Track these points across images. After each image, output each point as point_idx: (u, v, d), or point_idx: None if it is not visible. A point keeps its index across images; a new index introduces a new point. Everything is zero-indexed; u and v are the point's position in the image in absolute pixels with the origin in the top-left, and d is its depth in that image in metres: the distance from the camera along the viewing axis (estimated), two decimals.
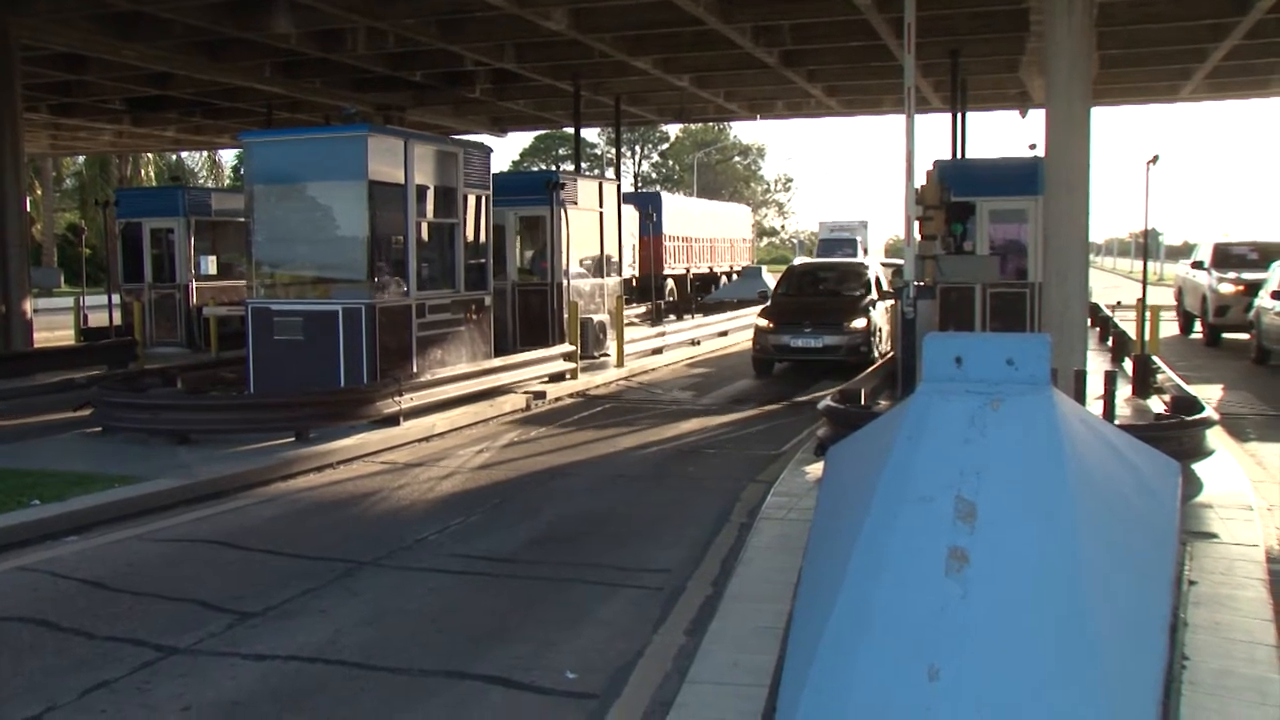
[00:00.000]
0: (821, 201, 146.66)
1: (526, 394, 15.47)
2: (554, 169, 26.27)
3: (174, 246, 22.62)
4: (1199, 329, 23.57)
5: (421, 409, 13.22)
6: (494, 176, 16.44)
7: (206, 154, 56.13)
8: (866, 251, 50.62)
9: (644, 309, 28.17)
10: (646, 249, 30.05)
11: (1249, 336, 19.58)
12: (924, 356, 4.78)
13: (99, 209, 26.10)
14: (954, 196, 15.01)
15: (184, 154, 53.98)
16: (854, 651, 4.08)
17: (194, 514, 9.31)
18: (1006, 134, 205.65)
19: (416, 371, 13.84)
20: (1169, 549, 4.91)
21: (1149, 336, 16.01)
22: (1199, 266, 23.22)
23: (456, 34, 18.92)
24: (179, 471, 10.36)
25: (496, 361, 15.60)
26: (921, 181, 13.35)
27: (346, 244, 13.79)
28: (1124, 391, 13.54)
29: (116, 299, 22.41)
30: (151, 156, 52.57)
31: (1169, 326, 22.51)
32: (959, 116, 21.15)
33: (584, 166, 28.33)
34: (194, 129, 31.60)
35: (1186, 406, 9.98)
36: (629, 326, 21.63)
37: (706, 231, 38.10)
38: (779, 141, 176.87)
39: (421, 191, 14.55)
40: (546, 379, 16.56)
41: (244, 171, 15.29)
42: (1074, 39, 11.38)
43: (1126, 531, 4.68)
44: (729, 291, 34.23)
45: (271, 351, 13.38)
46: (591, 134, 68.67)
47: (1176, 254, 70.03)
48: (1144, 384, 13.46)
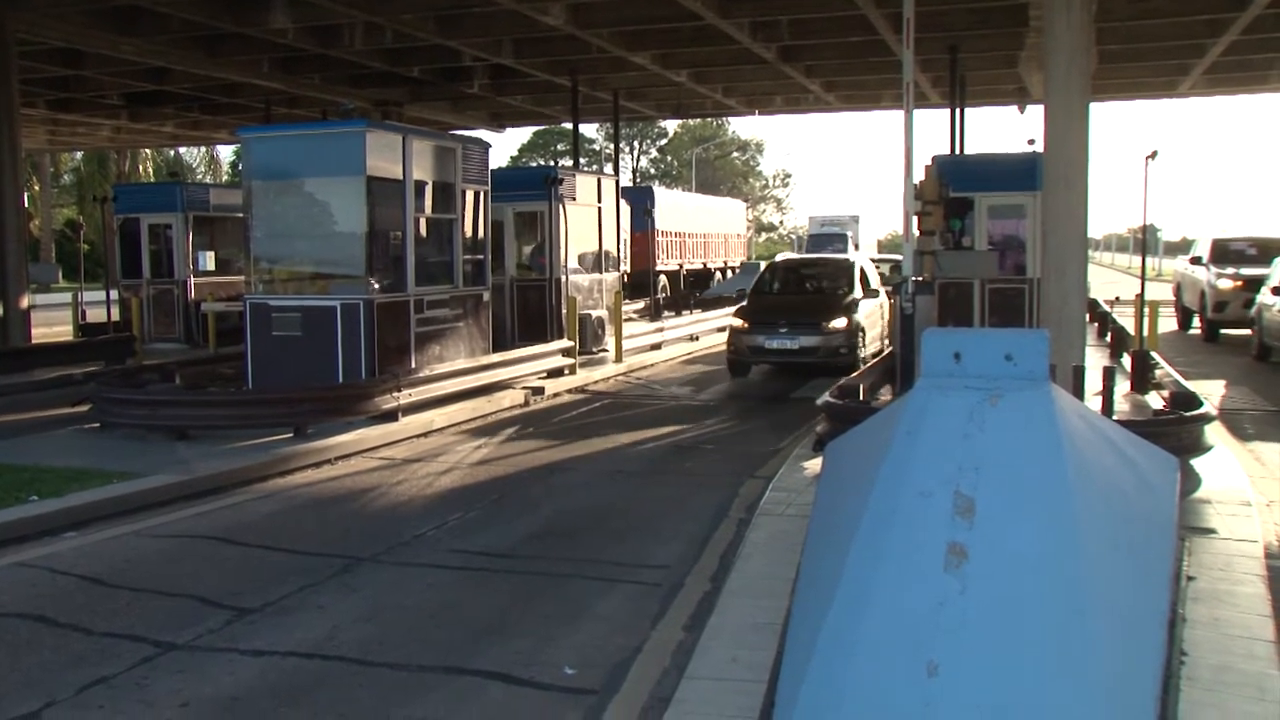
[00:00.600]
0: (820, 197, 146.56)
1: (525, 390, 15.47)
2: (552, 165, 26.18)
3: (172, 242, 22.60)
4: (1197, 325, 23.51)
5: (420, 405, 13.22)
6: (492, 172, 16.42)
7: (205, 149, 56.06)
8: (858, 247, 50.32)
9: (642, 304, 28.16)
10: (639, 244, 30.01)
11: (1250, 332, 19.50)
12: (923, 352, 4.77)
13: (97, 205, 26.11)
14: (952, 192, 15.02)
15: (182, 149, 53.91)
16: (852, 647, 4.07)
17: (192, 510, 9.31)
18: (1005, 129, 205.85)
19: (415, 367, 13.82)
20: (1167, 545, 4.90)
21: (1148, 332, 16.01)
22: (1197, 262, 23.11)
23: (454, 29, 18.91)
24: (177, 467, 10.35)
25: (495, 357, 15.59)
26: (920, 177, 13.34)
27: (345, 240, 13.78)
28: (1123, 387, 13.53)
29: (115, 295, 22.40)
30: (150, 152, 52.54)
31: (1167, 322, 22.48)
32: (957, 112, 21.15)
33: (582, 162, 28.31)
34: (192, 124, 31.58)
35: (1185, 402, 9.98)
36: (627, 322, 21.61)
37: (700, 227, 38.00)
38: (777, 137, 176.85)
39: (420, 187, 14.54)
40: (545, 375, 16.55)
41: (242, 167, 15.28)
42: (1073, 34, 11.37)
43: (1125, 527, 4.68)
44: (727, 287, 34.20)
45: (270, 347, 13.37)
46: (590, 129, 68.64)
47: (1175, 249, 70.05)
48: (1142, 379, 13.46)
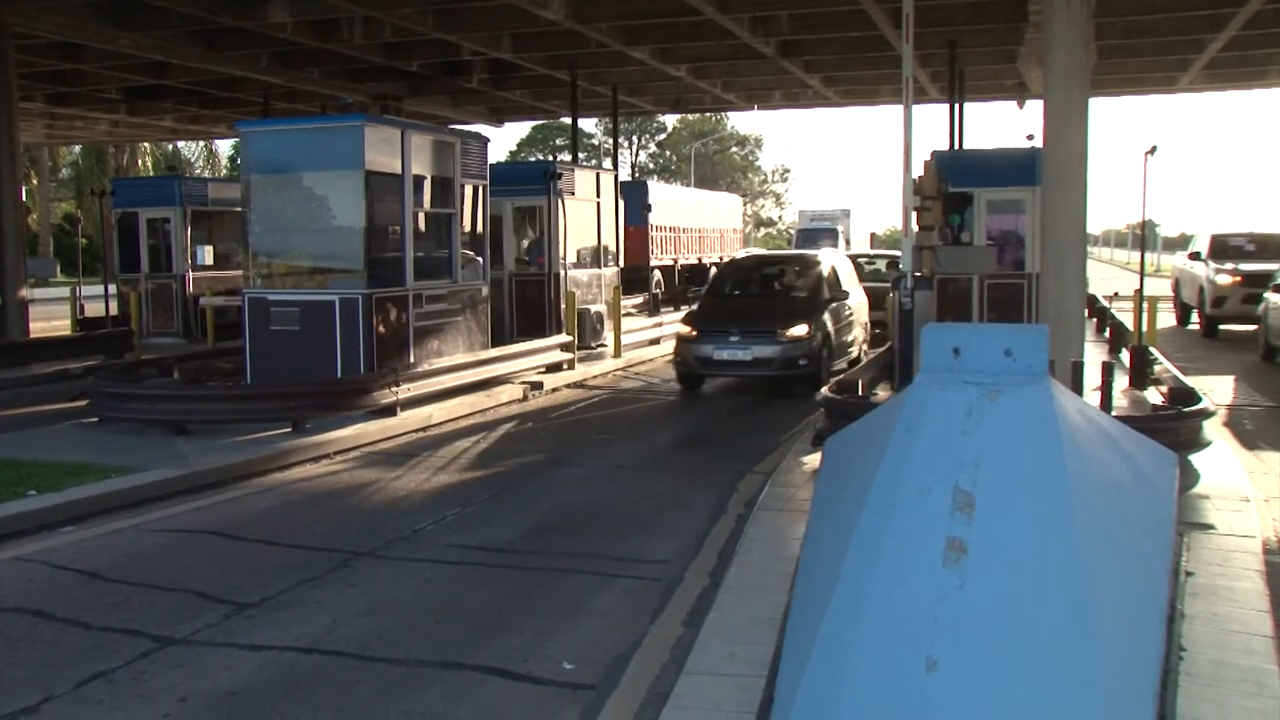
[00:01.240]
0: (819, 191, 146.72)
1: (524, 384, 15.46)
2: (551, 159, 26.11)
3: (170, 236, 22.57)
4: (1196, 320, 23.41)
5: (418, 399, 13.21)
6: (491, 167, 16.41)
7: (203, 144, 55.96)
8: (849, 243, 49.97)
9: (641, 299, 28.12)
10: (633, 239, 29.91)
11: (1255, 328, 19.33)
12: (922, 347, 4.77)
13: (95, 199, 26.09)
14: (951, 187, 15.01)
15: (180, 144, 53.80)
16: (851, 642, 4.07)
17: (191, 504, 9.30)
18: (1004, 125, 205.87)
19: (413, 362, 13.82)
20: (1166, 540, 4.91)
21: (1146, 328, 16.01)
22: (1196, 258, 23.01)
23: (453, 24, 18.88)
24: (175, 462, 10.34)
25: (494, 352, 15.59)
26: (919, 172, 13.33)
27: (343, 234, 13.77)
28: (1121, 383, 13.54)
29: (113, 289, 22.37)
30: (148, 146, 52.44)
31: (1166, 318, 22.43)
32: (956, 107, 21.14)
33: (581, 157, 28.26)
34: (190, 119, 31.54)
35: (1184, 398, 9.98)
36: (626, 317, 21.60)
37: (695, 222, 37.84)
38: (777, 132, 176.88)
39: (418, 181, 14.53)
40: (544, 369, 16.54)
41: (240, 161, 15.25)
42: (1073, 29, 11.36)
43: (1124, 522, 4.68)
44: None
45: (268, 342, 13.36)
46: (589, 124, 68.62)
47: (1173, 245, 70.04)
48: (1141, 375, 13.47)
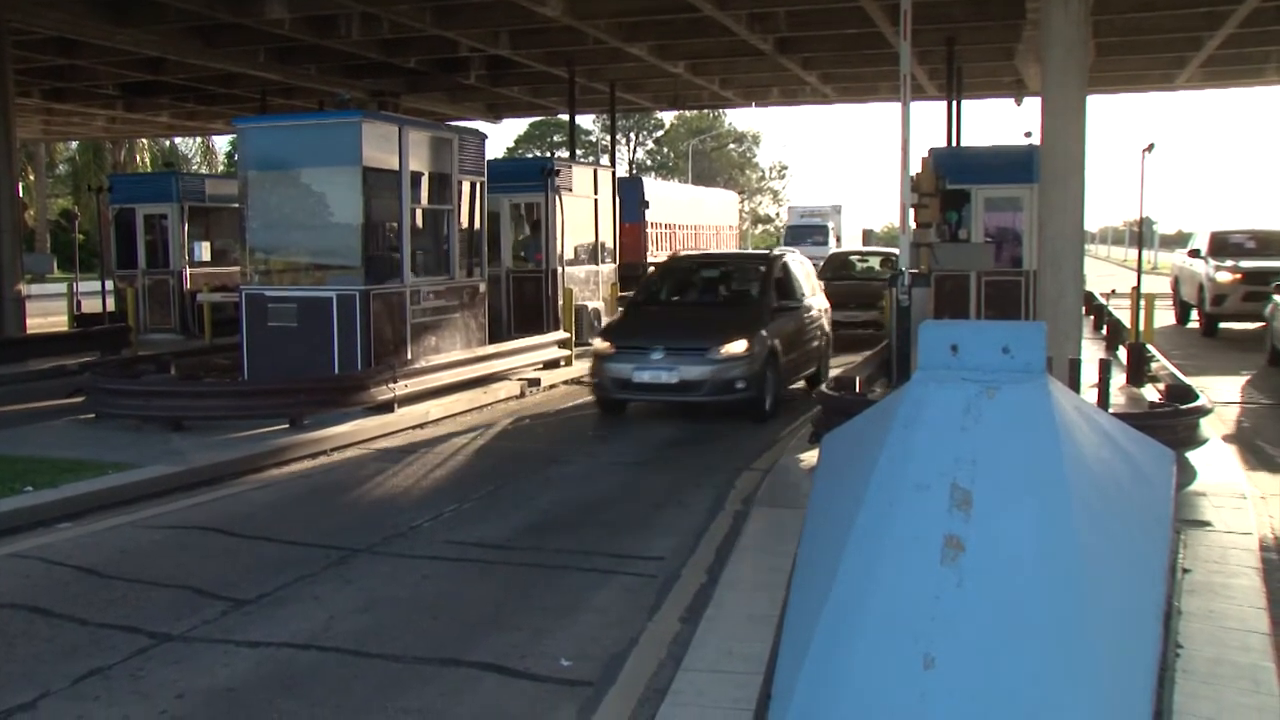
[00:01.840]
0: (817, 188, 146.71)
1: (521, 381, 15.46)
2: (549, 156, 26.11)
3: (168, 232, 22.54)
4: (1196, 319, 23.11)
5: (416, 396, 13.21)
6: (489, 163, 16.40)
7: (200, 140, 55.89)
8: (839, 239, 49.83)
9: None
10: (629, 236, 29.90)
11: (1258, 326, 19.12)
12: (919, 344, 4.77)
13: (92, 194, 26.01)
14: (949, 184, 15.02)
15: (178, 140, 53.74)
16: (849, 639, 4.07)
17: (188, 501, 9.29)
18: (1002, 122, 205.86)
19: (411, 358, 13.81)
20: (1163, 537, 4.91)
21: (1143, 325, 16.01)
22: (1196, 255, 22.66)
23: (451, 20, 18.86)
24: (173, 458, 10.33)
25: (491, 348, 15.58)
26: (916, 169, 13.34)
27: (341, 230, 13.76)
28: (1119, 380, 13.54)
29: (110, 285, 22.34)
30: (145, 142, 52.38)
31: (1163, 315, 22.39)
32: (954, 105, 21.14)
33: (579, 154, 28.27)
34: (188, 115, 31.50)
35: (1181, 395, 9.98)
36: None
37: (692, 219, 37.82)
38: (775, 129, 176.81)
39: (416, 178, 14.53)
40: (541, 366, 16.54)
41: (238, 157, 15.26)
42: (1070, 27, 11.35)
43: (1121, 519, 4.68)
44: None
45: (266, 338, 13.35)
46: (587, 121, 68.59)
47: (1170, 242, 70.10)
48: (1138, 372, 13.48)
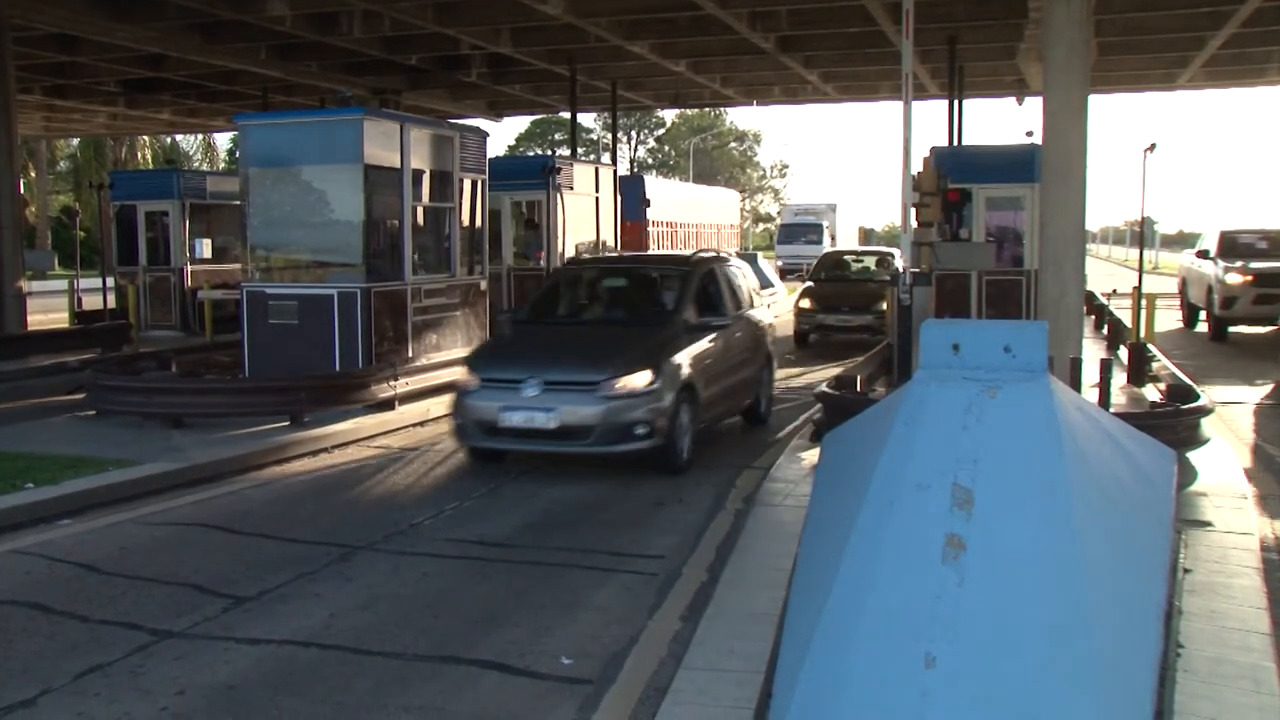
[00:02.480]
0: (817, 187, 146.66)
1: None
2: (550, 154, 26.16)
3: (169, 229, 22.53)
4: (1205, 322, 22.06)
5: (417, 393, 13.20)
6: (490, 161, 16.39)
7: (202, 137, 55.89)
8: (834, 238, 49.62)
9: None
10: (631, 234, 29.91)
11: (1269, 330, 18.44)
12: (921, 343, 4.77)
13: (93, 191, 26.02)
14: (951, 183, 15.00)
15: (179, 137, 53.73)
16: (849, 638, 4.07)
17: (188, 498, 9.30)
18: (1003, 121, 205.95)
19: (412, 356, 13.81)
20: (1165, 537, 4.91)
21: (1144, 325, 16.01)
22: (1204, 256, 21.66)
23: (452, 18, 18.84)
24: (173, 455, 10.33)
25: None
26: (918, 168, 13.33)
27: (342, 228, 13.77)
28: (1120, 379, 13.55)
29: (111, 282, 22.34)
30: (146, 139, 52.39)
31: (1166, 315, 22.22)
32: (956, 104, 21.13)
33: (580, 152, 28.26)
34: (189, 112, 31.48)
35: (1182, 395, 9.98)
36: None
37: (693, 217, 37.83)
38: (776, 127, 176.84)
39: (417, 175, 14.52)
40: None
41: (239, 155, 15.26)
42: (1072, 26, 11.35)
43: (1123, 519, 4.68)
44: None
45: (266, 335, 13.35)
46: (588, 119, 68.56)
47: (1171, 242, 70.14)
48: (1139, 372, 13.47)
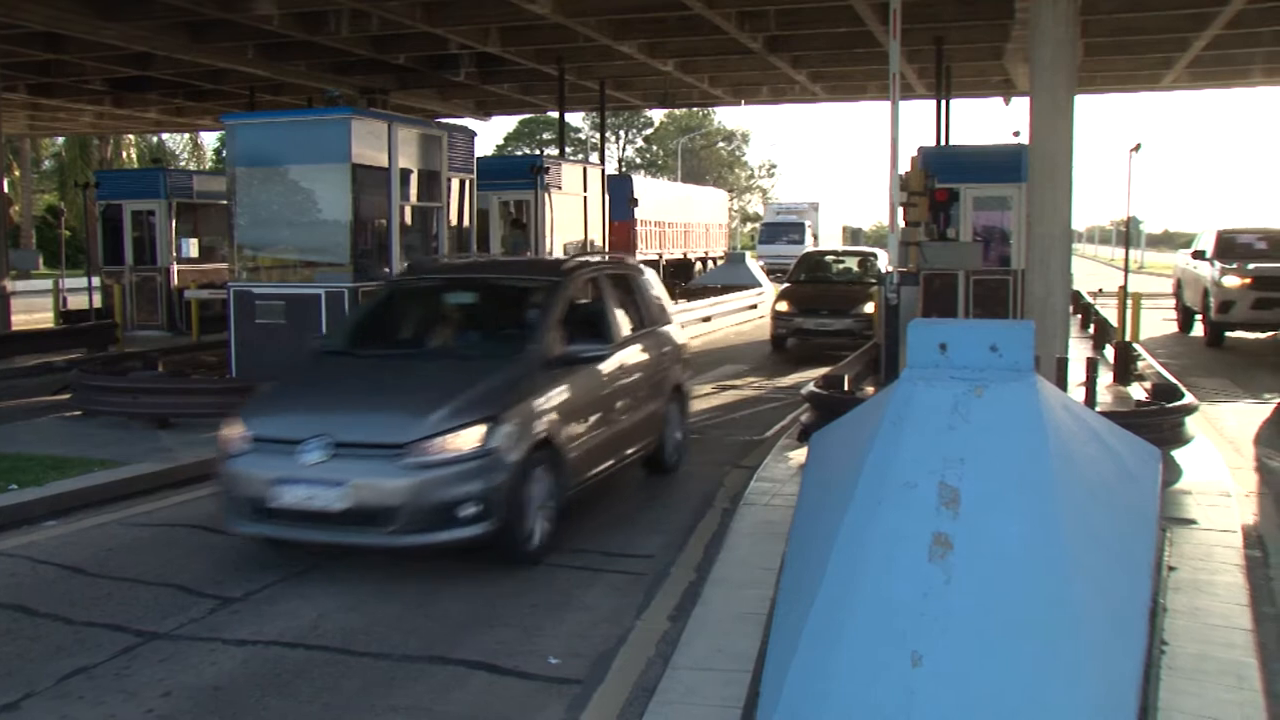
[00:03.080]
0: (804, 186, 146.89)
1: None
2: (538, 153, 26.27)
3: (155, 229, 22.45)
4: (1201, 326, 20.90)
5: None
6: (478, 160, 16.37)
7: (188, 136, 55.77)
8: (816, 237, 49.52)
9: None
10: (619, 234, 29.94)
11: (1268, 336, 17.89)
12: (908, 343, 4.79)
13: (79, 190, 25.94)
14: (938, 183, 15.05)
15: (166, 136, 53.61)
16: (837, 637, 4.09)
17: (175, 498, 9.27)
18: (991, 121, 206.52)
19: None
20: (1149, 535, 4.94)
21: (1130, 324, 16.06)
22: (1200, 256, 20.66)
23: (441, 17, 18.81)
24: (160, 455, 10.30)
25: None
26: (905, 168, 13.37)
27: (329, 227, 13.71)
28: (1106, 378, 13.60)
29: (96, 281, 22.25)
30: (133, 138, 52.21)
31: (1152, 316, 22.21)
32: (943, 104, 21.19)
33: (568, 151, 28.26)
34: (176, 111, 31.37)
35: (1167, 393, 10.03)
36: None
37: (681, 216, 37.86)
38: (764, 127, 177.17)
39: (405, 175, 14.48)
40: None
41: (226, 154, 15.21)
42: (1059, 26, 11.39)
43: (1108, 518, 4.71)
44: (713, 277, 34.18)
45: (253, 335, 13.30)
46: (576, 119, 68.49)
47: (1157, 242, 70.49)
48: (1125, 371, 13.52)
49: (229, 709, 5.13)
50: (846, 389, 10.85)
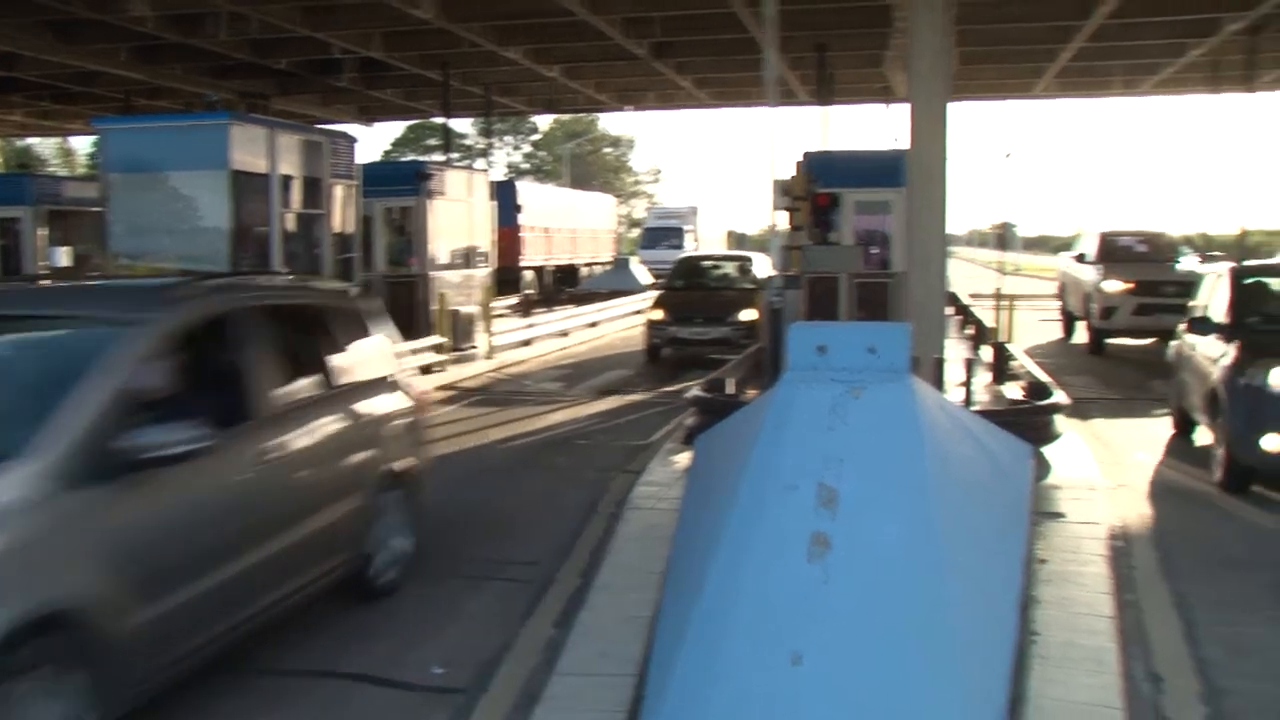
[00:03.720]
0: (693, 191, 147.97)
1: None
2: (424, 160, 26.01)
3: (21, 237, 21.67)
4: (1085, 332, 20.08)
5: None
6: (362, 167, 16.21)
7: (59, 140, 53.92)
8: (698, 241, 49.83)
9: (515, 300, 28.03)
10: (504, 240, 29.81)
11: (1150, 342, 17.43)
12: (789, 346, 4.87)
13: None
14: (821, 188, 15.29)
15: (34, 140, 51.72)
16: (719, 638, 4.13)
17: None
18: (876, 126, 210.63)
19: None
20: (1022, 530, 5.11)
21: (1006, 325, 16.51)
22: (1082, 260, 20.23)
23: (323, 21, 18.54)
24: None
25: None
26: (784, 174, 13.57)
27: (209, 235, 13.47)
28: (985, 378, 13.97)
29: None
30: None
31: (1026, 317, 22.83)
32: (825, 110, 21.57)
33: (455, 157, 28.05)
34: (42, 114, 30.30)
35: (1039, 392, 10.35)
36: (499, 318, 21.51)
37: (568, 222, 37.87)
38: (652, 132, 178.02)
39: (287, 181, 14.32)
40: (415, 372, 16.33)
41: (100, 160, 14.80)
42: (936, 36, 11.64)
43: (982, 514, 4.84)
44: (600, 282, 34.23)
45: None
46: (464, 125, 67.92)
47: (1032, 245, 72.64)
48: (1001, 371, 13.91)
49: None
50: (731, 392, 10.96)
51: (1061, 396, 9.85)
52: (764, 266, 20.83)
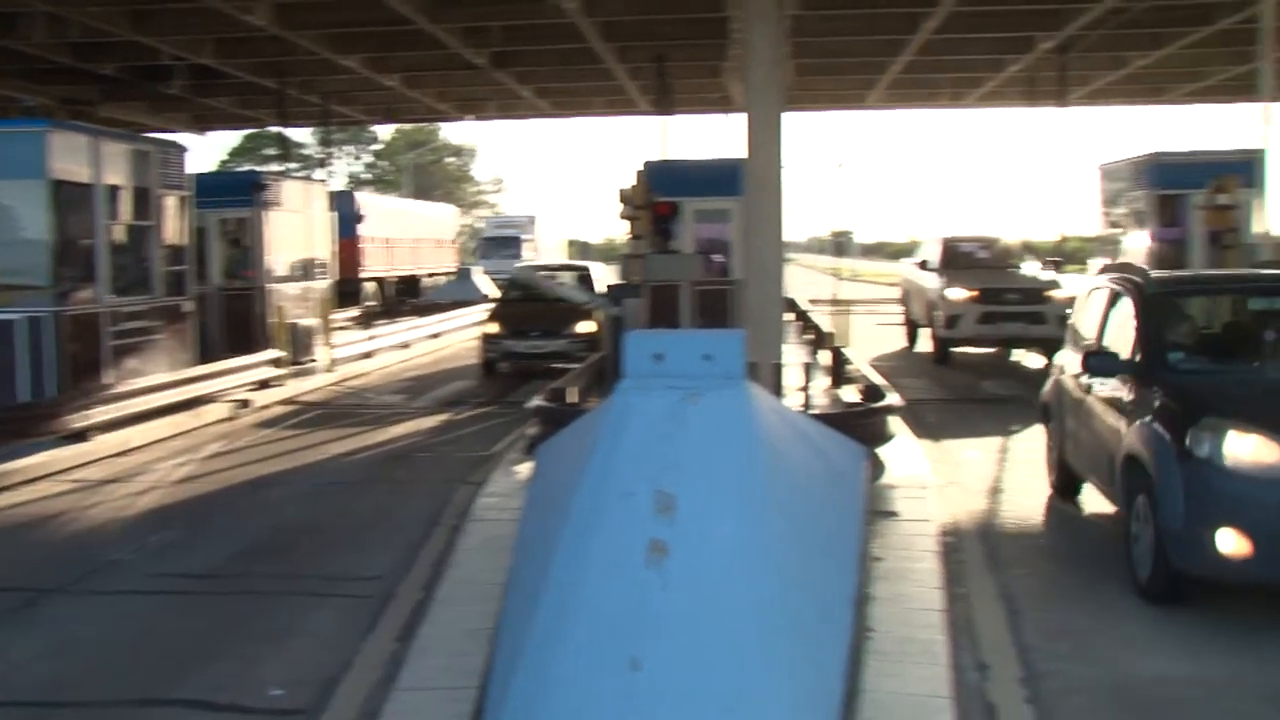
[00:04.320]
0: (535, 201, 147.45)
1: (232, 403, 14.82)
2: (260, 170, 25.41)
3: None
4: (930, 341, 19.59)
5: (116, 422, 12.43)
6: (195, 177, 15.79)
7: None
8: (536, 251, 49.89)
9: (357, 312, 27.58)
10: (345, 251, 29.32)
11: (994, 351, 17.80)
12: (625, 354, 4.91)
13: None
14: (661, 197, 15.47)
15: None
16: (559, 647, 4.14)
17: None
18: (719, 136, 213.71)
19: (109, 383, 13.05)
20: (856, 529, 5.25)
21: (844, 330, 16.95)
22: (925, 267, 19.75)
23: (150, 26, 17.90)
24: None
25: (197, 370, 14.89)
26: (625, 183, 13.68)
27: (28, 247, 12.94)
28: (824, 382, 14.33)
29: None
30: None
31: (864, 320, 23.25)
32: (665, 120, 21.87)
33: (294, 168, 27.46)
34: None
35: (873, 394, 10.67)
36: (339, 330, 21.12)
37: (409, 232, 37.48)
38: (494, 142, 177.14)
39: (113, 192, 13.85)
40: (255, 386, 15.92)
41: None
42: (770, 47, 11.90)
43: (817, 515, 4.97)
44: (443, 293, 33.91)
45: None
46: (304, 134, 66.46)
47: (870, 251, 74.86)
48: (839, 375, 14.28)
49: None
50: (573, 401, 10.98)
51: (895, 398, 10.17)
52: (606, 276, 20.94)
